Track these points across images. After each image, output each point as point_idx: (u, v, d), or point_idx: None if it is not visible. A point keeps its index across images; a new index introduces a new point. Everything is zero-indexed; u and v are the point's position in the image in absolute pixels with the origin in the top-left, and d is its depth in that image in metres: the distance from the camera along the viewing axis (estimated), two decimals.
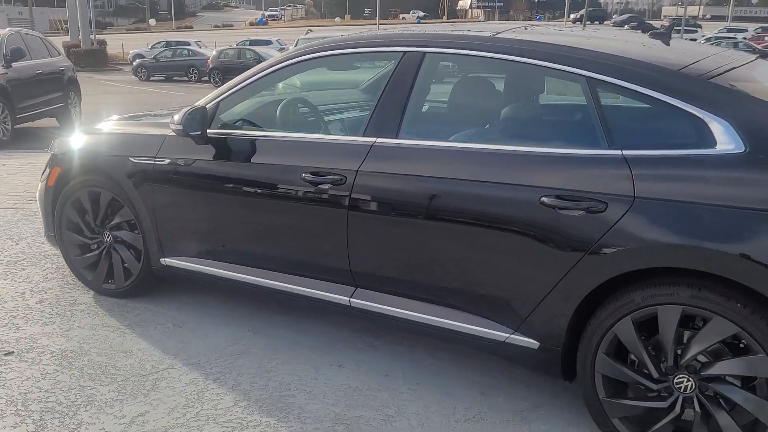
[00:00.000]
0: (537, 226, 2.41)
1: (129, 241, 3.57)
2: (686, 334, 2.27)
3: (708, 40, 31.06)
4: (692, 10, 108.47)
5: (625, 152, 2.34)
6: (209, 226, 3.26)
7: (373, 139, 2.78)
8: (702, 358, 2.25)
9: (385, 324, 2.93)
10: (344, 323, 3.39)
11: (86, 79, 18.22)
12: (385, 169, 2.73)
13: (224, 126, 3.21)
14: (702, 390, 2.25)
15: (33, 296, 3.75)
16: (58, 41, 28.64)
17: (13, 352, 3.14)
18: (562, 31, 3.15)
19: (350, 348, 3.22)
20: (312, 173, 2.85)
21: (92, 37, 33.42)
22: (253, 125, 3.29)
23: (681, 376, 2.27)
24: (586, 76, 2.46)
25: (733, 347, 2.21)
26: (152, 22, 65.01)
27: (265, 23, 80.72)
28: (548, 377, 2.68)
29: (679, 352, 2.27)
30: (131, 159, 3.38)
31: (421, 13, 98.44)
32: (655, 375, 2.32)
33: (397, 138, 2.75)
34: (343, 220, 2.81)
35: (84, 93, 12.27)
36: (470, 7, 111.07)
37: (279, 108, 3.35)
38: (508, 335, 2.57)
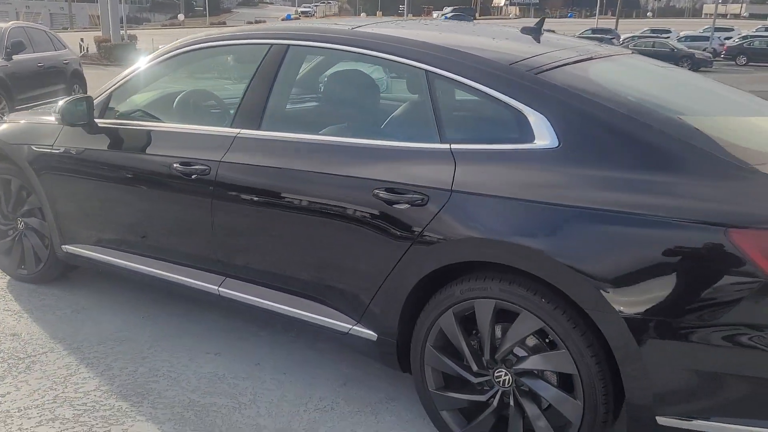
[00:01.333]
0: (371, 219, 2.42)
1: (37, 228, 3.67)
2: (502, 328, 2.25)
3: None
4: (734, 9, 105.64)
5: (453, 146, 2.33)
6: (99, 214, 3.34)
7: (237, 131, 2.82)
8: (520, 353, 2.24)
9: (252, 314, 2.96)
10: (238, 313, 3.42)
11: (111, 73, 18.58)
12: (244, 160, 2.76)
13: (116, 116, 3.27)
14: (518, 384, 2.24)
15: None
16: (94, 36, 29.35)
17: None
18: (422, 26, 3.14)
19: (234, 337, 3.26)
20: (181, 163, 2.90)
21: (123, 32, 34.07)
22: (145, 116, 3.35)
23: (500, 370, 2.26)
24: (425, 70, 2.45)
25: (551, 343, 2.19)
26: (181, 17, 65.87)
27: (293, 19, 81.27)
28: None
29: (497, 346, 2.26)
30: (33, 147, 3.47)
31: (451, 10, 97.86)
32: (475, 368, 2.31)
33: (258, 130, 2.78)
34: (209, 210, 2.85)
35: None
36: (505, 4, 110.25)
37: (175, 100, 3.40)
38: (351, 326, 2.59)
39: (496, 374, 2.27)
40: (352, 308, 2.58)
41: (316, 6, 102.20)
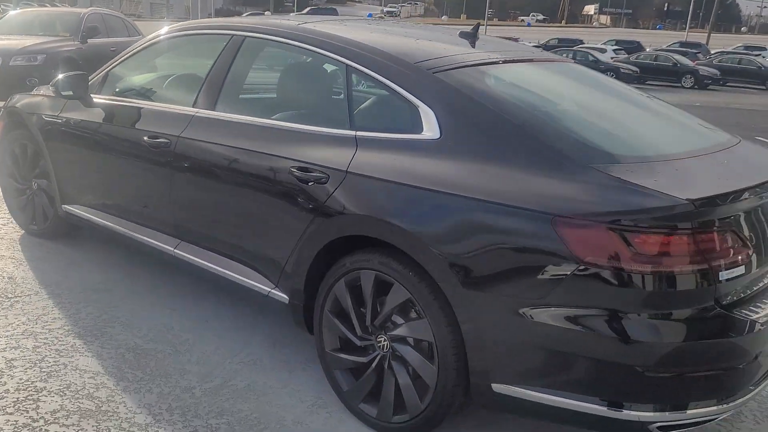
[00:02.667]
0: (287, 193, 2.71)
1: (46, 189, 4.15)
2: (381, 298, 2.50)
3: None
4: None
5: (358, 133, 2.60)
6: (88, 179, 3.77)
7: (196, 110, 3.17)
8: (398, 321, 2.48)
9: (202, 276, 3.30)
10: (191, 274, 3.72)
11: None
12: (197, 136, 3.10)
13: (110, 93, 3.69)
14: (393, 350, 2.49)
15: None
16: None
17: None
18: (363, 26, 3.40)
19: (196, 296, 3.62)
20: (149, 136, 3.28)
21: None
22: (134, 94, 3.74)
23: (381, 336, 2.51)
24: (345, 64, 2.73)
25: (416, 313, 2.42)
26: (267, 13, 67.88)
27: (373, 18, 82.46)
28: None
29: (377, 313, 2.51)
30: (43, 116, 3.95)
31: (540, 16, 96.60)
32: (359, 333, 2.57)
33: (212, 110, 3.12)
34: (169, 179, 3.22)
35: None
36: (595, 12, 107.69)
37: (164, 82, 3.79)
38: (269, 290, 2.89)
39: (377, 339, 2.53)
40: (272, 273, 2.88)
41: (402, 6, 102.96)
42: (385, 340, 2.50)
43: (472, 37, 3.10)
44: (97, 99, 3.67)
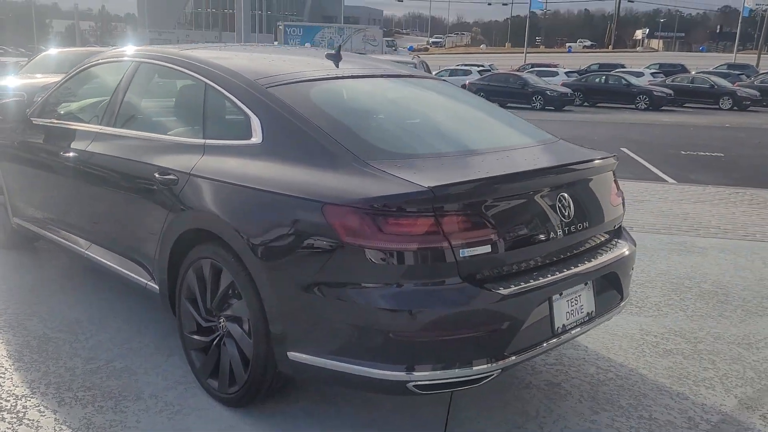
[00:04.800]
0: (151, 194, 3.11)
1: (2, 203, 4.67)
2: (217, 282, 2.85)
3: None
4: None
5: (207, 141, 2.99)
6: (27, 192, 4.27)
7: (100, 128, 3.63)
8: (227, 302, 2.81)
9: (105, 273, 3.70)
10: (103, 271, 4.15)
11: None
12: (96, 149, 3.54)
13: (45, 115, 4.18)
14: (227, 329, 2.82)
15: None
16: None
17: None
18: (233, 50, 3.81)
19: (112, 291, 4.04)
20: (63, 151, 3.74)
21: None
22: (64, 116, 4.18)
23: (220, 317, 2.86)
24: (204, 82, 3.13)
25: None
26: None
27: (414, 50, 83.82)
28: None
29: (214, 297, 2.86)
30: None
31: (588, 42, 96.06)
32: (204, 315, 2.92)
33: (111, 126, 3.57)
34: (77, 189, 3.67)
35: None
36: (643, 36, 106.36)
37: (86, 104, 4.23)
38: (146, 282, 3.27)
39: (218, 321, 2.87)
40: (148, 267, 3.27)
41: (447, 37, 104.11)
42: (221, 321, 2.85)
43: (334, 58, 3.46)
44: (35, 121, 4.17)
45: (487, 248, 2.36)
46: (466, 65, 36.06)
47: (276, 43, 54.84)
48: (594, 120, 20.85)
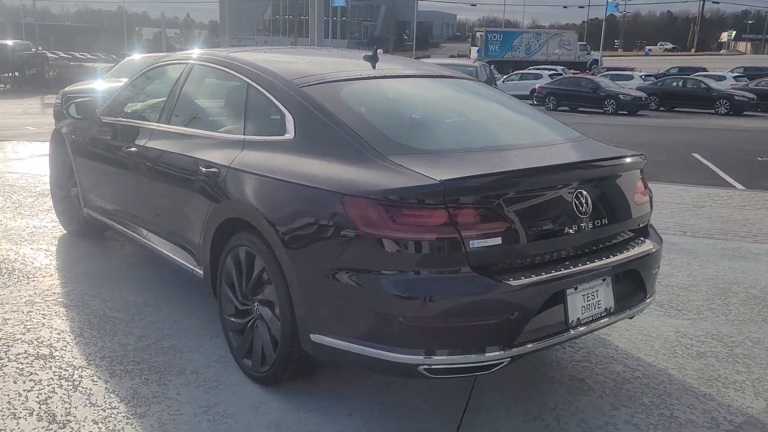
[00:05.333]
0: (197, 186, 3.36)
1: (77, 195, 5.07)
2: (252, 269, 3.05)
3: None
4: None
5: (246, 137, 3.21)
6: (95, 185, 4.63)
7: (157, 125, 3.92)
8: (260, 287, 3.00)
9: (161, 261, 3.99)
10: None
11: None
12: (154, 145, 3.84)
13: (112, 114, 4.53)
14: (259, 312, 3.03)
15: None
16: None
17: None
18: (275, 52, 4.01)
19: (168, 279, 4.34)
20: (126, 147, 4.06)
21: None
22: (129, 115, 4.53)
23: (254, 301, 3.07)
24: (246, 82, 3.36)
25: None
26: (380, 51, 70.26)
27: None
28: None
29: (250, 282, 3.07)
30: (72, 136, 4.89)
31: (669, 45, 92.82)
32: (240, 299, 3.13)
33: (167, 124, 3.85)
34: (137, 181, 3.98)
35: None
36: (728, 39, 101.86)
37: (150, 103, 4.55)
38: (193, 267, 3.53)
39: (253, 304, 3.08)
40: (193, 253, 3.52)
41: None
42: (255, 304, 3.05)
43: (371, 59, 3.63)
44: (104, 119, 4.52)
45: (498, 240, 2.46)
46: (537, 68, 35.60)
47: (475, 51, 55.32)
48: (667, 125, 20.24)
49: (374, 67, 3.53)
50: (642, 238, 3.07)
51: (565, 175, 2.72)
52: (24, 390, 2.97)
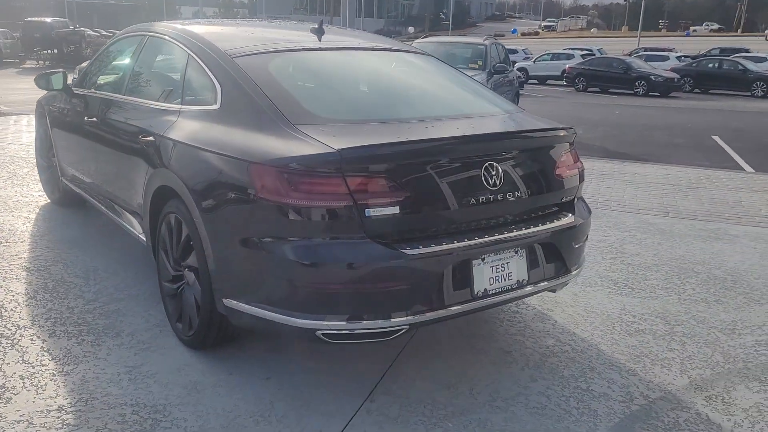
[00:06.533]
0: (136, 152, 3.45)
1: (56, 165, 5.23)
2: (179, 235, 3.13)
3: None
4: None
5: (182, 107, 3.27)
6: (68, 154, 4.77)
7: (116, 95, 4.02)
8: (186, 253, 3.08)
9: (120, 229, 4.10)
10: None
11: None
12: (108, 115, 3.94)
13: (82, 85, 4.65)
14: (186, 278, 3.11)
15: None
16: None
17: None
18: (222, 25, 4.03)
19: (132, 247, 4.46)
20: (89, 116, 4.17)
21: None
22: (98, 86, 4.62)
23: (183, 267, 3.15)
24: (188, 53, 3.41)
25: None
26: (411, 29, 69.76)
27: (518, 34, 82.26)
28: None
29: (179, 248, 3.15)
30: (49, 107, 5.03)
31: (715, 26, 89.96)
32: (172, 264, 3.22)
33: (121, 94, 3.94)
34: (95, 150, 4.09)
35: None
36: None
37: (117, 74, 4.64)
38: (139, 234, 3.63)
39: (183, 270, 3.17)
40: (140, 221, 3.62)
41: (561, 20, 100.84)
42: (184, 270, 3.14)
43: (317, 32, 3.64)
44: (75, 90, 4.64)
45: (396, 210, 2.48)
46: (570, 49, 34.91)
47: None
48: (697, 107, 19.72)
49: (320, 40, 3.55)
50: (565, 212, 3.05)
51: (471, 147, 2.71)
52: None
